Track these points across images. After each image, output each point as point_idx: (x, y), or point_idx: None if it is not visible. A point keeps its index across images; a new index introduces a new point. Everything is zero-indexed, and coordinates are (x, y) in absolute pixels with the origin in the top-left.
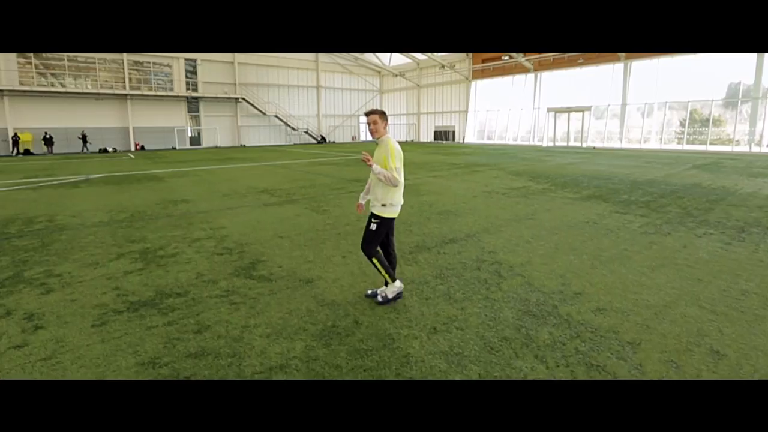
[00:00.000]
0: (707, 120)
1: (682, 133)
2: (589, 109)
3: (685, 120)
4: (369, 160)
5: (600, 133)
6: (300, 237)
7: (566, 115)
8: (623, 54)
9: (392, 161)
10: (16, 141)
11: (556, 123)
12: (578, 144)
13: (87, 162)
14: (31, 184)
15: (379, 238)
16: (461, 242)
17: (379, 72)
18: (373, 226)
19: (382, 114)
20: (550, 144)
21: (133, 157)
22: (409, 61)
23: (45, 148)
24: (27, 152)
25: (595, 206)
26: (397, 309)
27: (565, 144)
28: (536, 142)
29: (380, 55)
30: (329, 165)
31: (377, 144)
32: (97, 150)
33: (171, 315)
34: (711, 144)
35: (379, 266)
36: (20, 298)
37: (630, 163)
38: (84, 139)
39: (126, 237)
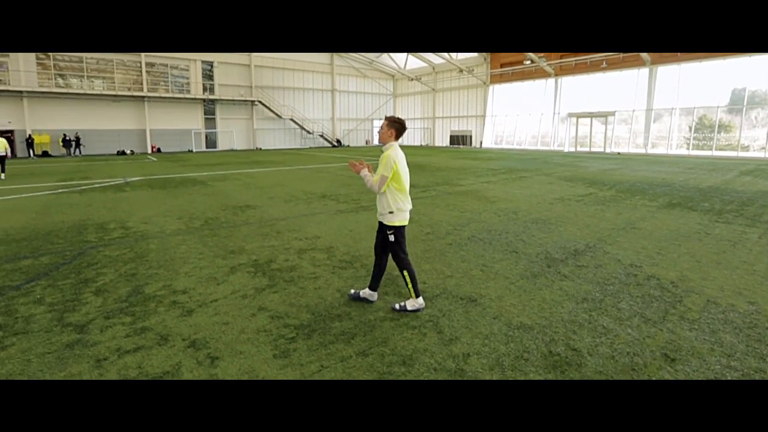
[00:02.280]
0: (733, 126)
1: (710, 138)
2: (612, 114)
3: (713, 126)
4: (354, 167)
5: (618, 138)
6: (412, 248)
7: (588, 120)
8: (649, 59)
9: (381, 167)
10: (30, 143)
11: (578, 128)
12: (600, 149)
13: (112, 164)
14: (72, 187)
15: (402, 246)
16: (588, 254)
17: (393, 76)
18: (392, 238)
19: (392, 122)
20: (572, 149)
21: (155, 159)
22: (425, 65)
23: (64, 150)
24: (45, 154)
25: (687, 215)
26: (598, 331)
27: (587, 149)
28: (556, 147)
29: (396, 59)
30: None
31: (382, 150)
32: (115, 152)
33: (355, 343)
34: (741, 150)
35: (409, 280)
36: (162, 320)
37: (672, 169)
38: (77, 141)
39: (221, 247)
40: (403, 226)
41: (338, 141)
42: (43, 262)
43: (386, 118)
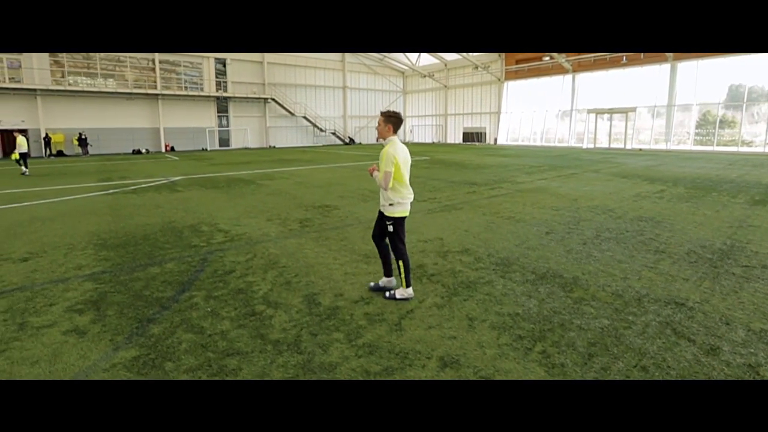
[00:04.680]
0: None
1: (722, 135)
2: (633, 110)
3: (739, 122)
4: (371, 172)
5: (631, 135)
6: (549, 247)
7: (607, 116)
8: (671, 54)
9: (382, 164)
10: (48, 141)
11: (597, 124)
12: (618, 146)
13: (136, 163)
14: (120, 187)
15: (401, 237)
16: (737, 253)
17: (403, 73)
18: (390, 228)
19: (388, 117)
20: (590, 146)
21: (177, 158)
22: (437, 61)
23: (79, 149)
24: (60, 153)
25: None
26: None
27: (606, 146)
28: (574, 144)
29: (408, 55)
30: None
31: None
32: (130, 151)
33: (617, 355)
34: (758, 146)
35: (402, 270)
36: (379, 336)
37: (713, 165)
38: (84, 141)
39: (349, 250)
40: (403, 218)
41: (351, 139)
42: (172, 269)
43: (382, 114)
